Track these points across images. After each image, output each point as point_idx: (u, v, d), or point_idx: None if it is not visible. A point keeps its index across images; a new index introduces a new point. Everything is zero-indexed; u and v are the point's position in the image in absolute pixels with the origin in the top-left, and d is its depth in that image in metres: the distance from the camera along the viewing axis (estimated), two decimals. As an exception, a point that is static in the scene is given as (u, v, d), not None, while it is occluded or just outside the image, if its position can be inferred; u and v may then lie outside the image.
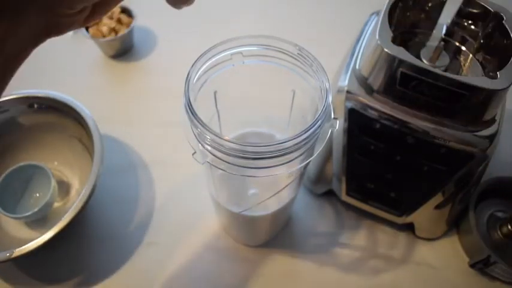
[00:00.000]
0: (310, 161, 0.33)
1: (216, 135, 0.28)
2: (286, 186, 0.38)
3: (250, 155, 0.28)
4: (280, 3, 0.77)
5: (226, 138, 0.28)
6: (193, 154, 0.31)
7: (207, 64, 0.33)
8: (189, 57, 0.33)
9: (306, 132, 0.29)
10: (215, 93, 0.39)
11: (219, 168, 0.31)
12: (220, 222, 0.50)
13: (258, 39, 0.33)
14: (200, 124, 0.29)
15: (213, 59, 0.33)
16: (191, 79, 0.31)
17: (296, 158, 0.30)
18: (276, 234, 0.50)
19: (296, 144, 0.29)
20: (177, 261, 0.48)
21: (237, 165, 0.30)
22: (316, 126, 0.29)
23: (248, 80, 0.37)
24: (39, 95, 0.51)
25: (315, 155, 0.34)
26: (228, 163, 0.30)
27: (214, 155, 0.30)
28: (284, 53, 0.34)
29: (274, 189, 0.37)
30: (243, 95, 0.40)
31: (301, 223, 0.51)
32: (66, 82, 0.64)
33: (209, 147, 0.30)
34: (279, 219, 0.47)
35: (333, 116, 0.32)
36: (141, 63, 0.67)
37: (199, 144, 0.31)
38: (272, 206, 0.41)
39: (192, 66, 0.32)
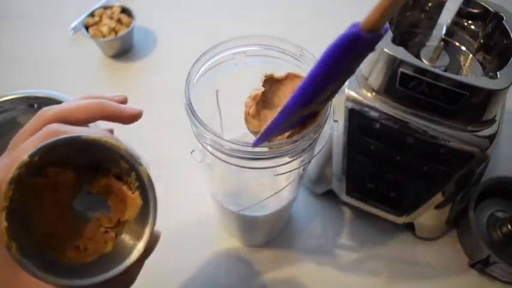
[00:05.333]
0: (310, 161, 0.33)
1: (216, 136, 0.28)
2: (286, 186, 0.38)
3: (250, 156, 0.28)
4: (281, 4, 0.77)
5: (226, 138, 0.28)
6: (191, 152, 0.31)
7: (208, 63, 0.33)
8: (189, 57, 0.33)
9: (306, 134, 0.29)
10: (217, 92, 0.38)
11: (219, 168, 0.31)
12: (220, 222, 0.50)
13: (261, 39, 0.33)
14: (200, 125, 0.29)
15: (215, 58, 0.33)
16: (191, 79, 0.31)
17: (296, 158, 0.31)
18: (276, 234, 0.50)
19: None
20: (177, 261, 0.48)
21: (237, 166, 0.30)
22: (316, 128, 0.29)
23: (250, 79, 0.37)
24: (39, 95, 0.50)
25: (315, 155, 0.34)
26: (228, 163, 0.30)
27: (214, 155, 0.30)
28: (286, 53, 0.34)
29: (274, 189, 0.37)
30: (245, 95, 0.40)
31: (301, 223, 0.51)
32: (66, 82, 0.64)
33: (209, 148, 0.30)
34: (279, 219, 0.47)
35: (333, 119, 0.32)
36: (141, 63, 0.67)
37: (199, 144, 0.31)
38: (272, 206, 0.41)
39: (193, 66, 0.32)
